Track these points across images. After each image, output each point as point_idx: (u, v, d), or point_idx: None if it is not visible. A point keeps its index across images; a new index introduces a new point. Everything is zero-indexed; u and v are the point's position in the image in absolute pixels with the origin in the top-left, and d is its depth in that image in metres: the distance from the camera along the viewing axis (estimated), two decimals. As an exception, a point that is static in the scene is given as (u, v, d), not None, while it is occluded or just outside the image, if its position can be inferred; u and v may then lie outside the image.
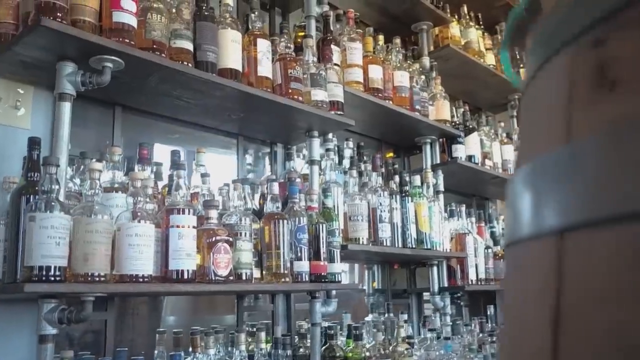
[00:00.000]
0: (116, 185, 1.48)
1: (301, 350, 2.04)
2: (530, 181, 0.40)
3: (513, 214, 0.43)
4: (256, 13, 1.83)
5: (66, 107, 1.37)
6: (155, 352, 1.67)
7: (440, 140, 2.83)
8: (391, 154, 2.97)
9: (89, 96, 1.62)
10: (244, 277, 1.60)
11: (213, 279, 1.48)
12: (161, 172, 1.75)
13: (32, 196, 1.25)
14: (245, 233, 1.63)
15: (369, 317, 2.48)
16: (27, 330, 1.32)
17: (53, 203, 1.22)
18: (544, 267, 0.37)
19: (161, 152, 1.87)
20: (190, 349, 1.68)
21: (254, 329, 1.86)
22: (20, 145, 1.43)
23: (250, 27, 1.82)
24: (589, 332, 0.32)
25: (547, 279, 0.37)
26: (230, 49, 1.66)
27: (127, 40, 1.38)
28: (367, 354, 2.07)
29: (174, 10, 1.55)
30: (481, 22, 3.29)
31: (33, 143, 1.34)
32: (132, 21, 1.41)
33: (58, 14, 1.27)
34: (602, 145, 0.33)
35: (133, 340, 1.77)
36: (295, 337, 2.09)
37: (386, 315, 2.42)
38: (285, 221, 1.74)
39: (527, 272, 0.41)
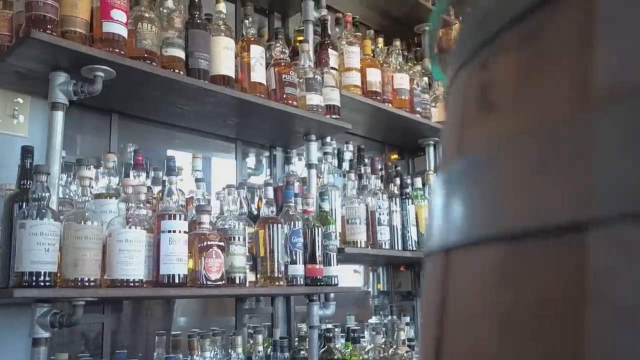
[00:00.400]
0: (111, 192, 1.52)
1: (302, 352, 2.05)
2: (439, 193, 0.41)
3: (428, 224, 0.44)
4: (250, 19, 1.86)
5: (59, 116, 1.41)
6: (155, 354, 1.70)
7: (444, 141, 2.82)
8: (396, 156, 2.97)
9: (87, 104, 1.66)
10: (237, 281, 1.62)
11: (204, 283, 1.50)
12: (159, 177, 1.77)
13: (24, 203, 1.29)
14: (239, 237, 1.65)
15: (373, 319, 2.49)
16: (23, 334, 1.36)
17: (44, 210, 1.25)
18: (436, 283, 0.39)
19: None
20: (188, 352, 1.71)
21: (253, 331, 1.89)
22: (18, 152, 1.47)
23: (244, 33, 1.84)
24: (461, 351, 0.33)
25: (436, 296, 0.38)
26: (222, 56, 1.68)
27: (117, 50, 1.41)
28: (367, 356, 2.08)
29: (165, 19, 1.58)
30: (486, 22, 3.26)
31: (26, 152, 1.38)
32: (122, 31, 1.44)
33: (48, 26, 1.31)
34: (478, 166, 0.34)
35: (132, 343, 1.80)
36: (295, 339, 2.10)
37: (389, 317, 2.43)
38: (279, 225, 1.75)
39: (427, 287, 0.42)
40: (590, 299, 0.24)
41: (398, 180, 2.35)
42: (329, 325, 2.12)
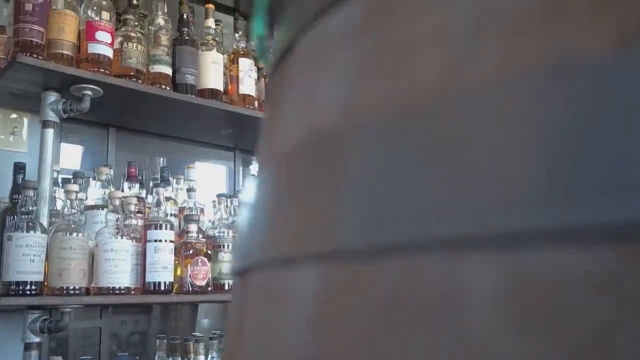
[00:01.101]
0: (102, 203, 1.60)
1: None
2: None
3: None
4: (240, 32, 1.91)
5: (49, 134, 1.49)
6: (156, 357, 1.78)
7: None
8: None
9: (87, 119, 1.76)
10: (226, 287, 1.68)
11: (190, 289, 1.57)
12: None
13: (14, 216, 1.38)
14: (228, 245, 1.71)
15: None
16: (16, 338, 1.45)
17: (30, 223, 1.34)
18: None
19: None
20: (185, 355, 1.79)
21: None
22: (17, 168, 1.57)
23: (234, 46, 1.90)
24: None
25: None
26: (210, 70, 1.75)
27: (102, 70, 1.49)
28: None
29: (152, 37, 1.65)
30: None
31: (17, 168, 1.48)
32: (107, 51, 1.51)
33: (35, 50, 1.40)
34: (247, 190, 0.37)
35: (132, 346, 1.89)
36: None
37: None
38: (269, 232, 1.80)
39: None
40: (243, 343, 0.28)
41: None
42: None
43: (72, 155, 1.87)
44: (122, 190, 1.68)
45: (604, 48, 0.18)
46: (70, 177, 1.68)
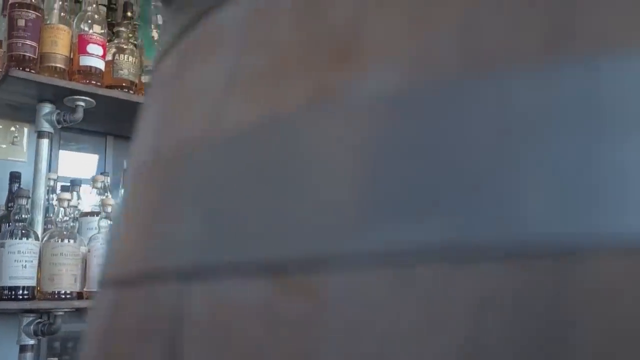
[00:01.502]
0: (97, 210, 1.66)
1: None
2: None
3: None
4: (233, 42, 1.95)
5: (44, 144, 1.55)
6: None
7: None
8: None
9: (85, 128, 1.81)
10: (218, 291, 1.72)
11: (180, 294, 1.61)
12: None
13: (9, 224, 1.44)
14: (220, 250, 1.75)
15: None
16: (12, 340, 1.51)
17: (23, 231, 1.40)
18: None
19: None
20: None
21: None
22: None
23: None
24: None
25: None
26: (202, 79, 1.79)
27: (94, 82, 1.55)
28: None
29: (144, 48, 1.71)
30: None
31: (13, 177, 1.54)
32: (99, 64, 1.57)
33: (28, 64, 1.46)
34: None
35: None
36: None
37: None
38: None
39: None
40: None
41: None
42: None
43: (70, 163, 1.93)
44: (119, 197, 1.74)
45: (296, 104, 0.21)
46: (69, 184, 1.74)
